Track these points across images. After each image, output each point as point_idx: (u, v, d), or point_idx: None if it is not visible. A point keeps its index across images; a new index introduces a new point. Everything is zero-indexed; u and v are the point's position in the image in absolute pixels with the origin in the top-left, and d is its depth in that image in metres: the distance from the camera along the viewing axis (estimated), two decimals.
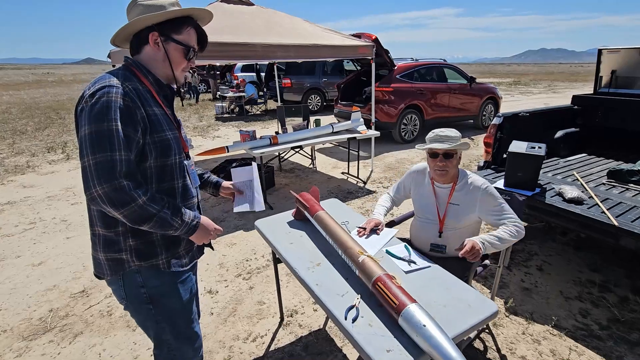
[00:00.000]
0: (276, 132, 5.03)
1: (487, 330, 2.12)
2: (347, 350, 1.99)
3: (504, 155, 3.07)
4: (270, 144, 3.89)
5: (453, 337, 1.12)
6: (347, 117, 6.21)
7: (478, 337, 2.07)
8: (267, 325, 2.21)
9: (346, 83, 7.58)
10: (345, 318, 1.21)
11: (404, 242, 1.76)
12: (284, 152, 4.53)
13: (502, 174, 2.81)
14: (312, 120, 4.96)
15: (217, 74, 15.26)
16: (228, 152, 3.62)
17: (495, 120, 3.08)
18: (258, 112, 11.37)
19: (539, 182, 2.64)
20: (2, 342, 2.10)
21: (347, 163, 5.41)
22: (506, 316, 2.25)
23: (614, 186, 2.72)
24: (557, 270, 2.72)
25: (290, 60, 6.62)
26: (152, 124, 1.07)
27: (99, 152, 0.95)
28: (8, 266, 2.92)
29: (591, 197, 2.46)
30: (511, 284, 2.57)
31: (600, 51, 3.91)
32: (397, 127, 6.66)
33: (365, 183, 4.78)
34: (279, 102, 8.05)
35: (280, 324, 2.21)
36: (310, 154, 5.61)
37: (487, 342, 2.04)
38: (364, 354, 1.08)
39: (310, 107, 6.18)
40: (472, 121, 7.97)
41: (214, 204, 4.11)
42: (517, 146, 2.57)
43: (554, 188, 2.62)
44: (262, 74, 12.64)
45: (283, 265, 2.10)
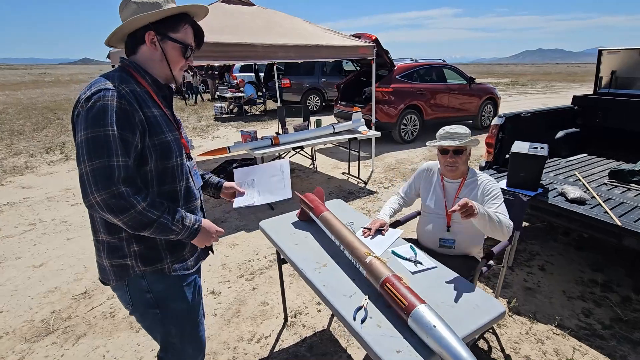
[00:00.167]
0: (277, 132, 5.03)
1: (490, 330, 2.12)
2: (352, 351, 1.99)
3: (506, 155, 3.08)
4: (272, 144, 3.89)
5: (462, 338, 1.12)
6: (346, 118, 6.21)
7: (482, 337, 2.07)
8: (271, 326, 2.20)
9: (346, 83, 7.58)
10: (354, 319, 1.21)
11: (409, 242, 1.76)
12: (284, 152, 4.52)
13: (504, 174, 2.81)
14: (313, 121, 4.96)
15: (215, 74, 15.24)
16: (230, 152, 3.62)
17: (497, 121, 3.08)
18: (257, 113, 11.35)
19: (540, 182, 2.65)
20: (5, 344, 2.08)
21: (347, 163, 5.41)
22: (509, 316, 2.25)
23: (616, 186, 2.73)
24: (560, 270, 2.72)
25: (290, 61, 6.61)
26: (151, 126, 1.05)
27: (96, 158, 0.94)
28: (9, 268, 2.90)
29: (593, 197, 2.48)
30: (514, 283, 2.58)
31: (600, 52, 3.93)
32: (397, 127, 6.68)
33: (366, 183, 4.78)
34: (279, 103, 8.04)
35: (284, 325, 2.21)
36: (310, 154, 5.62)
37: (491, 342, 2.05)
38: (374, 355, 1.08)
39: (309, 108, 6.16)
40: (472, 121, 8.00)
41: (214, 205, 4.10)
42: (520, 147, 2.58)
43: (556, 188, 2.63)
44: (261, 74, 12.63)
45: (285, 266, 2.11)
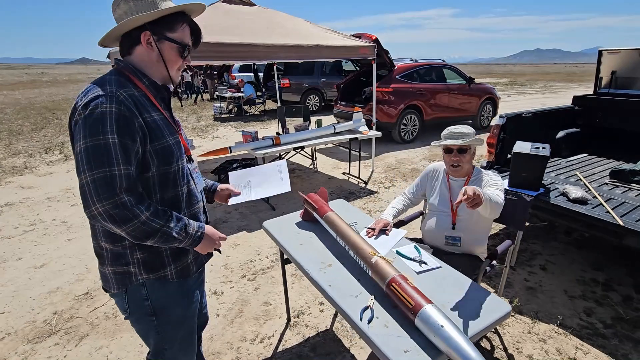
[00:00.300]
0: (277, 132, 5.03)
1: (493, 330, 2.13)
2: (355, 351, 2.00)
3: (508, 155, 3.09)
4: (273, 144, 3.89)
5: (470, 337, 1.12)
6: (346, 118, 6.22)
7: (485, 337, 2.08)
8: (274, 326, 2.20)
9: (345, 83, 7.58)
10: (361, 319, 1.21)
11: (413, 242, 1.77)
12: (284, 152, 4.52)
13: (506, 174, 2.82)
14: (314, 121, 4.96)
15: (214, 74, 15.20)
16: (231, 152, 3.61)
17: (499, 121, 3.09)
18: (256, 113, 11.34)
19: (542, 182, 2.66)
20: (7, 345, 2.08)
21: (347, 163, 5.41)
22: (512, 315, 2.26)
23: (617, 186, 2.74)
24: (561, 270, 2.73)
25: (290, 61, 6.61)
26: (151, 131, 1.02)
27: (97, 167, 0.91)
28: (9, 268, 2.89)
29: (595, 197, 2.49)
30: (515, 283, 2.59)
31: (600, 52, 3.94)
32: (397, 127, 6.68)
33: (366, 183, 4.78)
34: (279, 103, 8.04)
35: (287, 325, 2.21)
36: (310, 154, 5.62)
37: (494, 342, 2.05)
38: (381, 355, 1.09)
39: (309, 108, 6.16)
40: (471, 121, 8.01)
41: (215, 204, 4.09)
42: (522, 147, 2.59)
43: (557, 188, 2.64)
44: (260, 74, 12.61)
45: (287, 266, 2.11)
